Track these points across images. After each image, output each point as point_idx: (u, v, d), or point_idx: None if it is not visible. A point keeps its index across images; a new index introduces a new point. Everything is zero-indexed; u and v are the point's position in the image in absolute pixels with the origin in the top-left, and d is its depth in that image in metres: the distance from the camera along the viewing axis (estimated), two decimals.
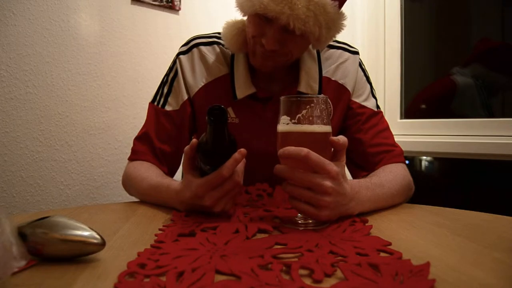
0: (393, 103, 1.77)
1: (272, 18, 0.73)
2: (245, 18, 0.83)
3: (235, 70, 0.88)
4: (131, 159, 0.92)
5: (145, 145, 0.90)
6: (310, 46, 0.88)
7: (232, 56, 0.90)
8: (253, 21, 0.78)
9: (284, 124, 0.62)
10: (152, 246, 0.51)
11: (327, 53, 0.93)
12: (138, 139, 0.93)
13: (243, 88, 0.87)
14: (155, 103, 0.93)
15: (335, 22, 0.76)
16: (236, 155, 0.62)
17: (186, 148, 0.65)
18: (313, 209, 0.60)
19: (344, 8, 0.79)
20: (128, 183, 0.89)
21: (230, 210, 0.67)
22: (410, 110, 1.77)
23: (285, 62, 0.83)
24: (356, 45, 1.08)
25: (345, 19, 0.79)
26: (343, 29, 0.81)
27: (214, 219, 0.65)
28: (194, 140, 0.64)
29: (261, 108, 0.89)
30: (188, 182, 0.65)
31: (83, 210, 0.78)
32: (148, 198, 0.84)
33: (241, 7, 0.77)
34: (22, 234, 0.43)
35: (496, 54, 1.59)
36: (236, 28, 0.84)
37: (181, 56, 0.92)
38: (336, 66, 0.92)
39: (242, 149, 0.63)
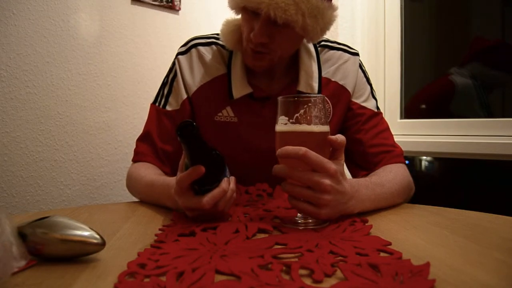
0: (393, 103, 1.77)
1: (254, 10, 0.74)
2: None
3: (232, 70, 0.89)
4: (134, 160, 0.93)
5: (147, 146, 0.91)
6: (305, 41, 0.88)
7: (230, 56, 0.90)
8: (243, 17, 0.79)
9: (282, 124, 0.62)
10: (152, 246, 0.51)
11: (327, 55, 0.93)
12: (140, 140, 0.93)
13: (239, 88, 0.87)
14: (157, 104, 0.93)
15: (321, 11, 0.75)
16: (218, 190, 0.61)
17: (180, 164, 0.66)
18: (313, 208, 0.60)
19: (344, 9, 0.79)
20: (130, 185, 0.90)
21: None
22: (407, 111, 1.77)
23: (278, 59, 0.82)
24: (356, 45, 1.08)
25: (335, 10, 0.79)
26: (334, 20, 0.81)
27: (214, 219, 0.65)
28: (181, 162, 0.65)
29: (260, 107, 0.89)
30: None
31: (83, 210, 0.78)
32: (145, 197, 0.84)
33: (229, 3, 0.80)
34: (22, 234, 0.43)
35: (494, 52, 1.58)
36: (234, 25, 0.85)
37: (180, 57, 0.93)
38: (336, 67, 0.92)
39: (224, 186, 0.62)
